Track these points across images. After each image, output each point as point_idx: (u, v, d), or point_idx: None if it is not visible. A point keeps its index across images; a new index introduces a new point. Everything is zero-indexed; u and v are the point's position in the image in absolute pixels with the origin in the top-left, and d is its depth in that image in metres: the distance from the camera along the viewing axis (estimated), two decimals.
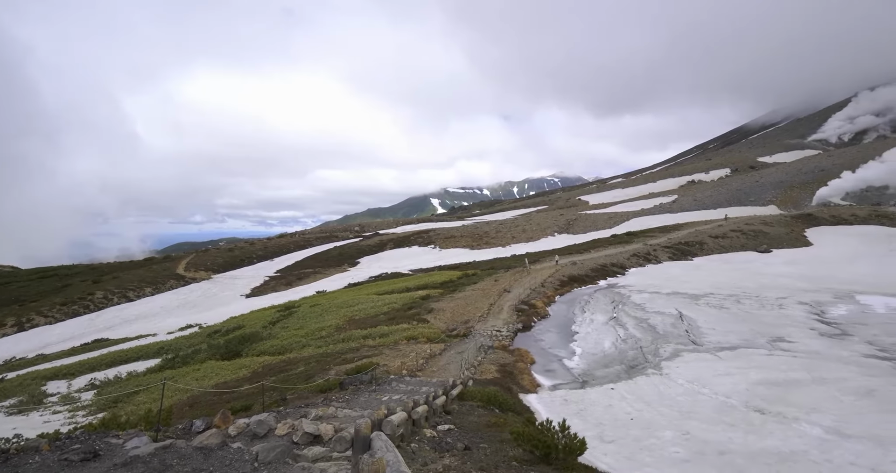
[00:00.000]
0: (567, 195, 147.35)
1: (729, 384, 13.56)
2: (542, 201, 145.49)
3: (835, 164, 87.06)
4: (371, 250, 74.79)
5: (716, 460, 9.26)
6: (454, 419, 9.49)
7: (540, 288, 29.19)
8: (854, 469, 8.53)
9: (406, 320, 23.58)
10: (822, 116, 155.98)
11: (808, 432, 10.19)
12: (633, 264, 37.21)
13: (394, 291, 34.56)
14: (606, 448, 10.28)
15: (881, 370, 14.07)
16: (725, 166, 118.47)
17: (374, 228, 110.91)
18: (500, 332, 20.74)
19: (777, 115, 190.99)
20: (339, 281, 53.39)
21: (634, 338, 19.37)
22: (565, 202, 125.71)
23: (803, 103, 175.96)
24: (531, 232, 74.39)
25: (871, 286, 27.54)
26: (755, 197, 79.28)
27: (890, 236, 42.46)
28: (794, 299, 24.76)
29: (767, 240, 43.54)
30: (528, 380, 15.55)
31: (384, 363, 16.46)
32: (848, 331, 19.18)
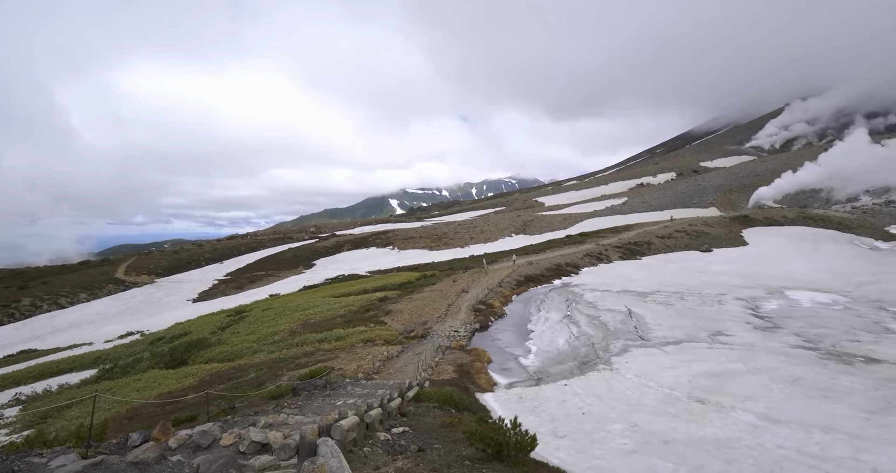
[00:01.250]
0: (524, 197, 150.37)
1: (673, 376, 14.24)
2: (500, 203, 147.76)
3: (768, 169, 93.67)
4: (327, 252, 73.29)
5: (661, 449, 9.69)
6: (409, 420, 9.42)
7: (497, 288, 29.58)
8: (782, 451, 9.17)
9: (363, 322, 23.25)
10: (759, 124, 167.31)
11: (743, 419, 10.86)
12: (586, 263, 38.42)
13: (351, 293, 34.01)
14: (559, 442, 10.53)
15: (806, 360, 15.22)
16: (671, 170, 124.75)
17: (330, 229, 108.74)
18: (457, 332, 20.83)
19: (719, 122, 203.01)
20: (294, 284, 51.96)
21: (587, 335, 19.99)
22: (522, 204, 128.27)
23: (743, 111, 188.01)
24: (489, 233, 75.33)
25: (798, 283, 29.78)
26: (698, 199, 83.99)
27: (815, 236, 46.11)
28: (732, 295, 26.36)
29: (709, 240, 46.18)
30: (485, 379, 15.70)
31: (340, 367, 16.16)
32: (778, 324, 20.63)
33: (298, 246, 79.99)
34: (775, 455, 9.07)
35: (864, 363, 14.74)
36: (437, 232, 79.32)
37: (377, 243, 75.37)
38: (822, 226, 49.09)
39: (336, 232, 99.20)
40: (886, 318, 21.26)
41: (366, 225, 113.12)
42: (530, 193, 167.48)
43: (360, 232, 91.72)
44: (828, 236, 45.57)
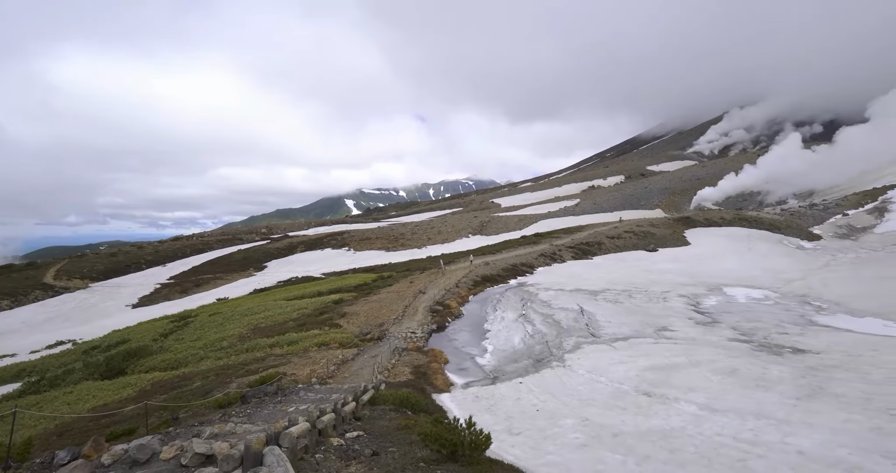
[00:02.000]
0: (481, 198, 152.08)
1: (622, 371, 14.80)
2: (457, 203, 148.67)
3: (708, 173, 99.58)
4: (280, 254, 71.01)
5: (610, 441, 10.03)
6: (364, 424, 9.25)
7: (454, 289, 29.69)
8: (720, 438, 9.72)
9: (317, 325, 22.67)
10: (701, 130, 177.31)
11: (686, 410, 11.44)
12: (541, 263, 39.31)
13: (304, 295, 33.10)
14: (514, 440, 10.68)
15: (742, 352, 16.25)
16: (620, 174, 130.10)
17: (283, 229, 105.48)
18: (414, 333, 20.73)
19: (665, 127, 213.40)
20: (244, 287, 49.97)
21: (541, 333, 20.42)
22: (479, 205, 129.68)
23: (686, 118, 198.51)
24: (446, 233, 75.59)
25: (734, 280, 31.79)
26: (645, 201, 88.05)
27: (749, 236, 49.43)
28: (676, 292, 27.77)
29: (654, 240, 48.48)
30: (442, 380, 15.70)
31: (292, 372, 15.67)
32: (717, 319, 21.93)
33: (249, 248, 77.02)
34: (714, 442, 9.61)
35: (792, 353, 15.91)
36: (394, 233, 78.72)
37: (332, 245, 73.84)
38: (756, 227, 52.75)
39: (289, 233, 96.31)
40: (811, 311, 23.09)
41: (320, 226, 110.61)
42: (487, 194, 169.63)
43: (315, 233, 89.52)
44: (760, 237, 49.02)
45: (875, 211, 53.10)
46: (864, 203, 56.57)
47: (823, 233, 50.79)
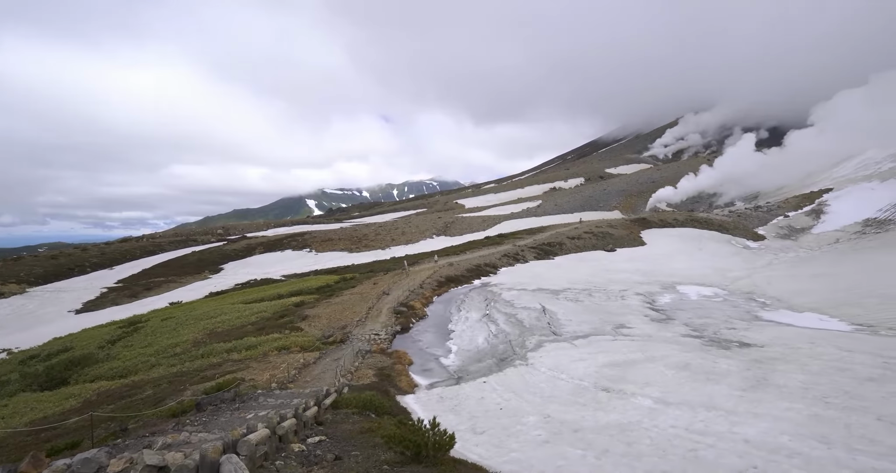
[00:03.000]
0: (445, 199, 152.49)
1: (582, 368, 15.20)
2: (422, 204, 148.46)
3: (662, 176, 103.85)
4: (237, 255, 68.63)
5: (571, 437, 10.27)
6: (327, 429, 9.07)
7: (418, 289, 29.62)
8: (673, 430, 10.16)
9: (277, 329, 22.05)
10: (658, 134, 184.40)
11: (642, 404, 11.88)
12: (504, 263, 39.83)
13: (264, 298, 32.13)
14: (478, 439, 10.76)
15: (693, 347, 17.04)
16: (580, 176, 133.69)
17: (240, 230, 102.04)
18: (378, 335, 20.52)
19: (624, 130, 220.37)
20: (199, 290, 47.97)
21: (505, 333, 20.69)
22: (443, 205, 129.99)
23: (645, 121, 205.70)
24: (410, 234, 75.31)
25: (687, 278, 33.31)
26: (603, 203, 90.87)
27: (700, 237, 51.92)
28: (633, 290, 28.80)
29: (613, 240, 50.12)
30: (406, 381, 15.62)
31: (251, 378, 15.18)
32: (671, 316, 22.91)
33: (204, 249, 74.02)
34: (668, 434, 10.03)
35: (739, 347, 16.83)
36: (357, 234, 77.69)
37: (293, 246, 72.04)
38: (706, 228, 55.47)
39: (247, 234, 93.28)
40: (756, 307, 24.50)
41: (280, 226, 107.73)
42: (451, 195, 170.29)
43: (275, 234, 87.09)
44: (710, 237, 51.58)
45: (812, 213, 56.99)
46: (803, 206, 60.60)
47: (767, 233, 54.03)
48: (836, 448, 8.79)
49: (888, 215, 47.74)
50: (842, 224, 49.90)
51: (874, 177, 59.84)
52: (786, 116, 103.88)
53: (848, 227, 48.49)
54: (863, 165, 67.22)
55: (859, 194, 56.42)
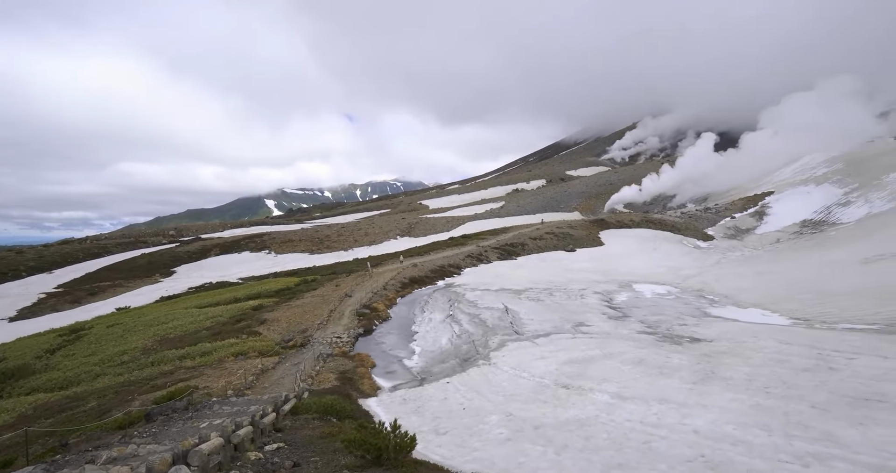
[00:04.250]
0: (409, 199, 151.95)
1: (543, 366, 15.50)
2: (386, 205, 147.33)
3: (619, 179, 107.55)
4: (191, 258, 65.80)
5: (532, 434, 10.46)
6: (286, 436, 8.84)
7: (382, 291, 29.36)
8: (629, 423, 10.53)
9: (234, 334, 21.31)
10: (617, 137, 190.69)
11: (600, 399, 12.24)
12: (468, 264, 40.10)
13: (219, 302, 30.96)
14: (441, 439, 10.77)
15: (648, 343, 17.72)
16: (542, 178, 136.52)
17: (194, 231, 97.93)
18: (340, 338, 20.19)
19: (586, 133, 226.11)
20: (149, 295, 45.67)
21: (468, 333, 20.82)
22: (407, 206, 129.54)
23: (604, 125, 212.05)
24: (374, 235, 74.57)
25: (642, 277, 34.62)
26: (564, 204, 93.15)
27: (654, 237, 54.12)
28: (592, 289, 29.65)
29: (573, 241, 51.44)
30: (369, 384, 15.45)
31: (205, 385, 14.60)
32: (627, 313, 23.73)
33: (154, 251, 70.53)
34: (624, 427, 10.38)
35: (690, 342, 17.63)
36: (318, 235, 76.17)
37: (251, 248, 69.78)
38: (660, 228, 57.88)
39: (201, 235, 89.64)
40: (705, 304, 25.75)
41: (237, 227, 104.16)
42: (415, 195, 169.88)
43: (231, 235, 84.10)
44: (664, 237, 53.85)
45: (756, 215, 60.57)
46: (748, 208, 64.29)
47: (716, 234, 56.96)
48: (775, 435, 9.37)
49: (822, 217, 51.40)
50: (782, 225, 53.30)
51: (810, 181, 64.25)
52: (735, 121, 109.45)
53: (787, 227, 51.85)
54: (800, 169, 72.06)
55: (797, 196, 60.45)
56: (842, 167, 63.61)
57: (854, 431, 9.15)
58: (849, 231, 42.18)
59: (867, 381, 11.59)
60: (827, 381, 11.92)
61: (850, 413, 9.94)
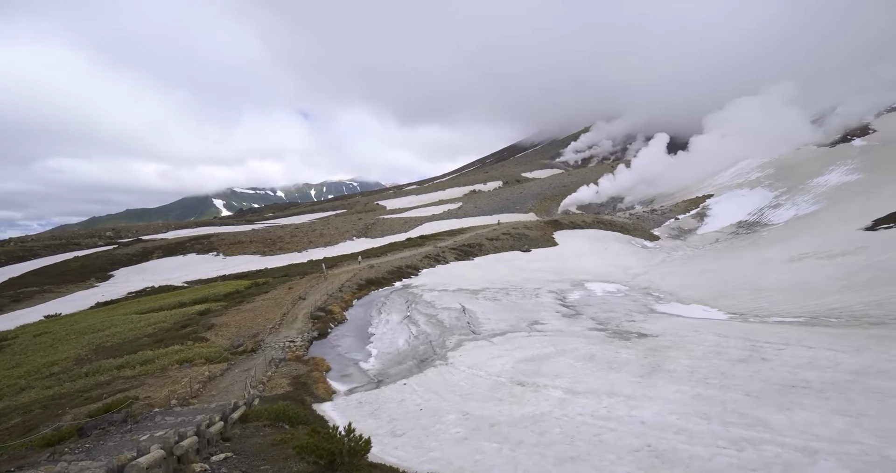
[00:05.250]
0: (366, 200, 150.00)
1: (499, 364, 15.72)
2: (342, 205, 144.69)
3: (572, 181, 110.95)
4: (131, 260, 61.90)
5: (488, 432, 10.58)
6: (234, 445, 8.48)
7: (338, 293, 28.80)
8: (581, 417, 10.87)
9: (178, 340, 20.23)
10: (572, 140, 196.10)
11: (553, 395, 12.56)
12: (426, 265, 40.08)
13: (163, 307, 29.33)
14: (398, 441, 10.69)
15: (599, 339, 18.37)
16: (499, 179, 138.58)
17: (135, 232, 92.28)
18: (293, 342, 19.62)
19: (541, 135, 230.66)
20: (83, 300, 42.57)
21: (425, 334, 20.79)
22: (364, 206, 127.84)
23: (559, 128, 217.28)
24: (329, 236, 73.05)
25: (594, 276, 35.85)
26: (519, 206, 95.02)
27: (605, 237, 56.23)
28: (546, 288, 30.38)
29: (528, 241, 52.55)
30: (324, 388, 15.10)
31: (146, 396, 13.78)
32: (579, 311, 24.49)
33: (89, 254, 65.80)
34: (576, 421, 10.70)
35: (637, 338, 18.42)
36: (270, 236, 73.69)
37: (197, 249, 66.52)
38: (611, 229, 60.22)
39: (142, 237, 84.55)
40: (651, 301, 27.00)
41: (183, 228, 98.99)
42: (372, 196, 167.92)
43: (175, 236, 79.84)
44: (614, 238, 56.06)
45: (697, 216, 64.18)
46: (690, 209, 68.02)
47: (661, 234, 59.90)
48: (714, 422, 9.96)
49: (755, 218, 55.21)
50: (720, 226, 56.77)
51: (745, 185, 68.84)
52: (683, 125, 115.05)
53: (725, 228, 55.28)
54: (737, 174, 77.07)
55: (734, 199, 64.59)
56: (773, 172, 68.58)
57: (782, 416, 9.88)
58: (778, 232, 45.55)
59: (794, 369, 12.54)
60: (759, 371, 12.79)
61: (779, 400, 10.72)
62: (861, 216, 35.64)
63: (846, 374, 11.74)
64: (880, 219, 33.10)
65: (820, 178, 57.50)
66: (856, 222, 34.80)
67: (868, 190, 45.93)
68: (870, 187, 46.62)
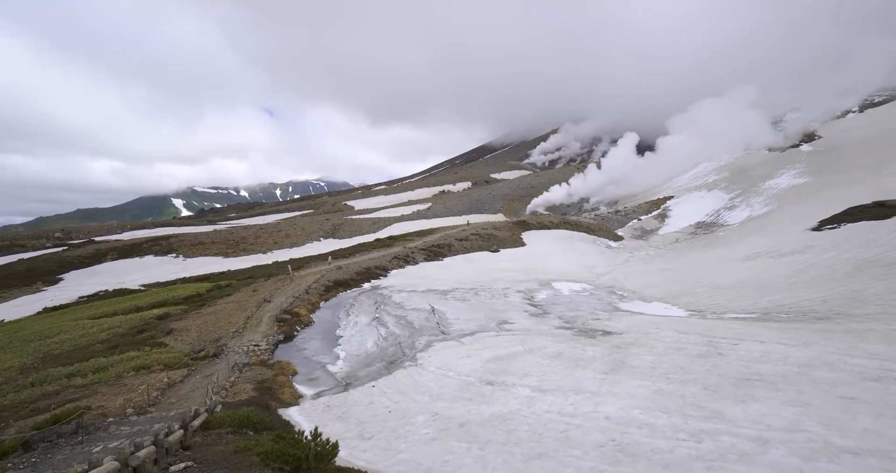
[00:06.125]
0: (334, 200, 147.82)
1: (468, 364, 15.79)
2: (308, 205, 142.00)
3: (540, 182, 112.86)
4: (83, 263, 58.76)
5: (457, 432, 10.60)
6: (195, 453, 8.18)
7: (304, 295, 28.25)
8: (548, 415, 11.05)
9: (134, 346, 19.35)
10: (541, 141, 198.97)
11: (521, 393, 12.72)
12: (395, 266, 39.85)
13: (118, 312, 27.97)
14: (366, 444, 10.57)
15: (566, 337, 18.72)
16: (468, 180, 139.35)
17: (87, 233, 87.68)
18: (258, 346, 19.12)
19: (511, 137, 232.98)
20: (29, 305, 40.09)
21: (395, 335, 20.66)
22: (332, 207, 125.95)
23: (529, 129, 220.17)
24: (295, 237, 71.55)
25: (560, 275, 36.55)
26: (489, 206, 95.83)
27: (571, 237, 57.47)
28: (514, 288, 30.75)
29: (497, 242, 53.09)
30: (290, 393, 14.78)
31: (99, 405, 13.11)
32: (547, 310, 24.91)
33: (36, 256, 62.04)
34: (544, 418, 10.87)
35: (602, 335, 18.89)
36: (234, 237, 71.49)
37: (155, 251, 63.81)
38: (577, 230, 61.61)
39: (95, 238, 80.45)
40: (616, 300, 27.76)
41: (139, 229, 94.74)
42: (340, 196, 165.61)
43: (131, 237, 76.35)
44: (580, 238, 57.36)
45: (658, 217, 66.49)
46: (652, 211, 70.40)
47: (625, 234, 61.72)
48: (674, 416, 10.32)
49: (712, 219, 57.68)
50: (680, 226, 59.01)
51: (703, 187, 71.83)
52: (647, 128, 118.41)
53: (685, 229, 57.49)
54: (695, 176, 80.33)
55: (693, 201, 67.28)
56: (728, 175, 71.84)
57: (737, 408, 10.34)
58: (733, 232, 47.74)
59: (748, 363, 13.16)
60: (716, 365, 13.36)
61: (734, 392, 11.22)
62: (808, 217, 37.79)
63: (795, 367, 12.42)
64: (825, 220, 35.19)
65: (771, 181, 60.62)
66: (804, 223, 36.87)
67: (815, 192, 48.79)
68: (816, 190, 49.53)
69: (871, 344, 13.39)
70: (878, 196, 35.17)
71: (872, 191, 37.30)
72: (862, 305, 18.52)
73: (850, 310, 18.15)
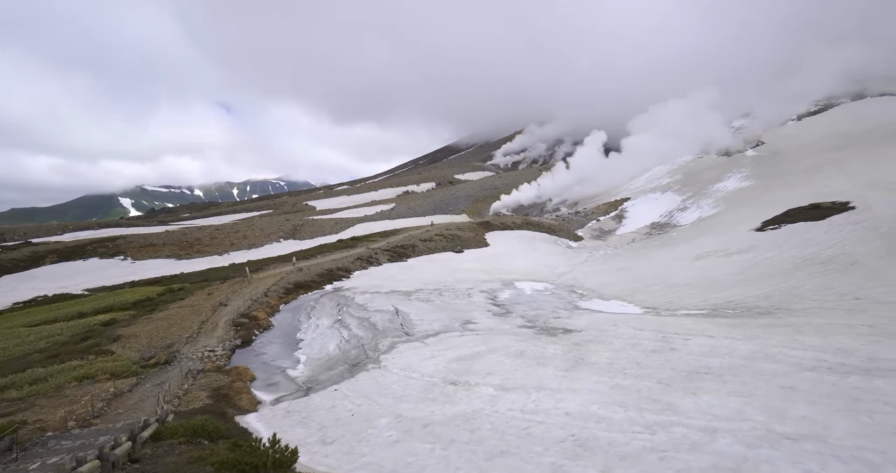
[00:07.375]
0: (294, 200, 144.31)
1: (432, 365, 15.79)
2: (267, 205, 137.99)
3: (503, 183, 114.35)
4: (17, 267, 54.72)
5: (421, 433, 10.58)
6: (145, 466, 7.78)
7: (263, 298, 27.41)
8: (511, 413, 11.21)
9: (77, 354, 18.17)
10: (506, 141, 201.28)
11: (485, 392, 12.84)
12: (358, 267, 39.32)
13: (58, 319, 26.22)
14: (328, 449, 10.38)
15: (528, 336, 19.05)
16: (432, 180, 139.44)
17: (22, 235, 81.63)
18: (213, 352, 18.40)
19: (475, 138, 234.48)
20: None
21: (357, 337, 20.38)
22: (292, 207, 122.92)
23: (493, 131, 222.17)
24: (254, 238, 69.36)
25: (523, 275, 37.16)
26: (452, 207, 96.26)
27: (533, 238, 58.57)
28: (478, 288, 31.00)
29: (461, 242, 53.37)
30: (248, 399, 14.30)
31: (37, 419, 12.24)
32: (510, 310, 25.26)
33: None
34: (506, 417, 11.02)
35: (563, 333, 19.34)
36: (187, 238, 68.48)
37: (100, 253, 60.23)
38: (539, 230, 62.85)
39: (32, 239, 75.02)
40: (576, 298, 28.49)
41: (82, 230, 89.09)
42: (301, 196, 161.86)
43: (74, 239, 71.67)
44: (542, 238, 58.54)
45: (616, 218, 68.81)
46: (610, 212, 72.78)
47: (584, 235, 63.49)
48: (630, 410, 10.71)
49: (666, 220, 60.24)
50: (636, 227, 61.27)
51: (657, 189, 74.89)
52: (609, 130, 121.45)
53: (640, 229, 59.73)
54: (650, 179, 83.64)
55: (648, 202, 70.00)
56: (681, 178, 75.20)
57: (688, 400, 10.84)
58: (685, 232, 50.02)
59: (698, 357, 13.82)
60: (669, 359, 13.96)
61: (685, 385, 11.75)
62: (753, 219, 40.09)
63: (740, 359, 13.15)
64: (767, 221, 37.47)
65: (720, 184, 63.91)
66: (749, 224, 39.09)
67: (758, 195, 51.81)
68: (759, 193, 52.61)
69: (807, 337, 14.36)
70: (813, 199, 37.76)
71: (809, 194, 39.99)
72: (800, 300, 19.84)
73: (789, 305, 19.40)
